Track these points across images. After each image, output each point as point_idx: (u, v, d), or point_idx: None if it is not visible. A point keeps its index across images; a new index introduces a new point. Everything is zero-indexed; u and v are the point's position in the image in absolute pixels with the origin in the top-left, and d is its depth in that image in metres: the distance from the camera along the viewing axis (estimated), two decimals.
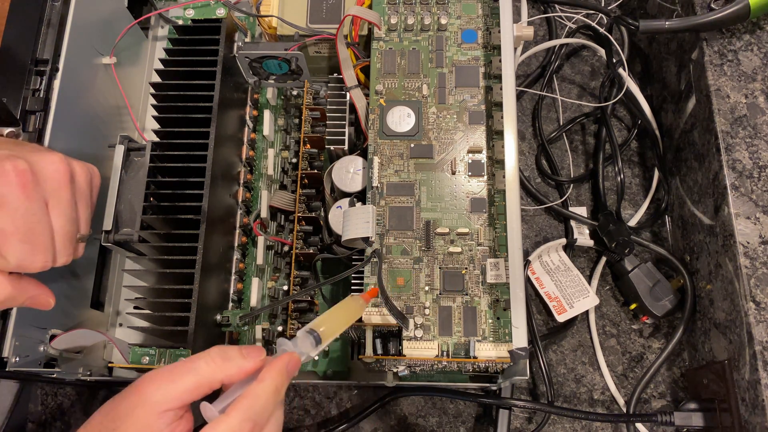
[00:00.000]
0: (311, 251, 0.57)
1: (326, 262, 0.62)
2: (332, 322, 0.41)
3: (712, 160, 0.55)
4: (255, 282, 0.57)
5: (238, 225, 0.58)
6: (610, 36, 0.66)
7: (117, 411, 0.35)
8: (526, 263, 0.63)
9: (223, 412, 0.35)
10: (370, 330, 0.48)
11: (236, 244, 0.58)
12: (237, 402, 0.35)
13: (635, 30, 0.58)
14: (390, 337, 0.49)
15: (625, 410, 0.60)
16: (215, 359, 0.36)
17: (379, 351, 0.49)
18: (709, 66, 0.56)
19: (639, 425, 0.59)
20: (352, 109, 0.57)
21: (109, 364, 0.57)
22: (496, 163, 0.52)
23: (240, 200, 0.59)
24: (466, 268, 0.50)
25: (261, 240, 0.57)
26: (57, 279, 0.53)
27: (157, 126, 0.54)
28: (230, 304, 0.56)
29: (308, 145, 0.60)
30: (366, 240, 0.50)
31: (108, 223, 0.55)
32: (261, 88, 0.62)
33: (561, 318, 0.62)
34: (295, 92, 0.64)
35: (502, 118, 0.51)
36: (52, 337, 0.50)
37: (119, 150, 0.52)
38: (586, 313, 0.64)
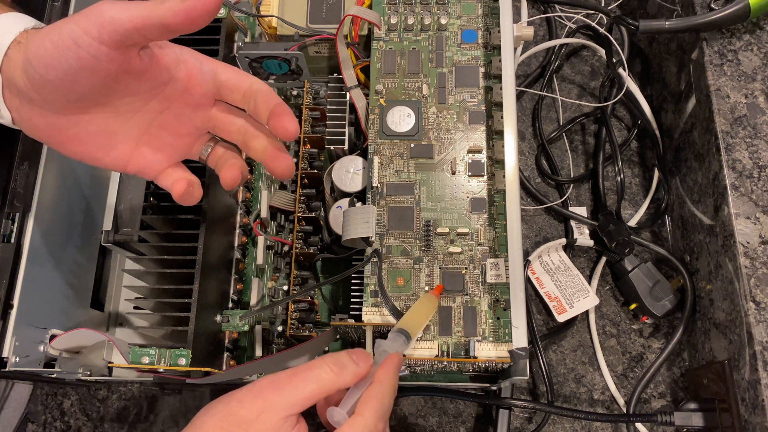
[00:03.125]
0: (311, 251, 0.57)
1: (326, 262, 0.62)
2: (415, 320, 0.44)
3: (712, 160, 0.55)
4: (255, 282, 0.57)
5: (238, 225, 0.58)
6: (610, 36, 0.66)
7: (239, 415, 0.36)
8: (526, 263, 0.63)
9: (351, 413, 0.38)
10: (370, 330, 0.48)
11: (236, 244, 0.58)
12: (365, 403, 0.38)
13: (635, 30, 0.58)
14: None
15: (625, 410, 0.60)
16: (333, 368, 0.38)
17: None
18: (709, 66, 0.56)
19: (639, 425, 0.59)
20: (352, 109, 0.57)
21: (109, 364, 0.57)
22: (496, 163, 0.52)
23: (240, 200, 0.59)
24: (466, 268, 0.50)
25: (261, 240, 0.57)
26: (57, 279, 0.53)
27: None
28: (230, 304, 0.56)
29: (308, 145, 0.60)
30: (366, 240, 0.50)
31: (108, 223, 0.55)
32: None
33: (561, 318, 0.62)
34: (295, 92, 0.64)
35: (502, 118, 0.51)
36: (52, 337, 0.50)
37: None
38: (586, 313, 0.64)
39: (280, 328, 0.57)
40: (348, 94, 0.57)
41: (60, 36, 0.34)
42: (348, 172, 0.55)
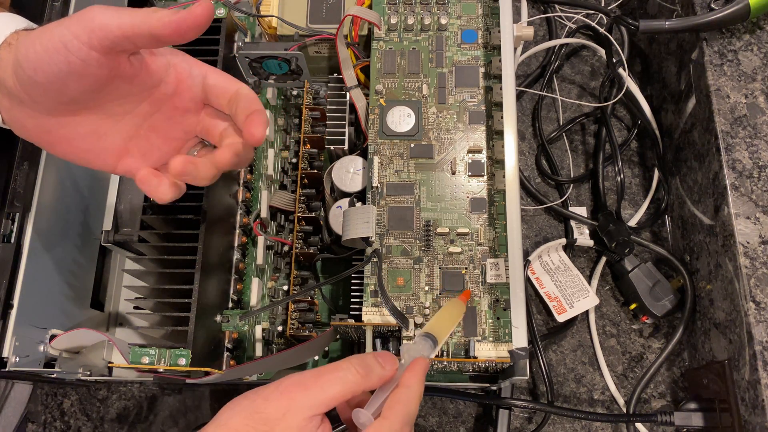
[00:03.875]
0: (311, 251, 0.57)
1: (326, 262, 0.62)
2: (442, 325, 0.44)
3: (712, 160, 0.55)
4: (255, 282, 0.57)
5: (238, 225, 0.58)
6: (610, 36, 0.66)
7: (265, 414, 0.36)
8: (526, 263, 0.63)
9: (377, 416, 0.38)
10: (370, 330, 0.48)
11: (236, 244, 0.58)
12: (392, 406, 0.38)
13: (635, 30, 0.58)
14: (390, 337, 0.49)
15: (625, 410, 0.60)
16: (360, 370, 0.38)
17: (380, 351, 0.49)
18: (709, 66, 0.56)
19: (639, 425, 0.59)
20: (352, 109, 0.57)
21: (109, 364, 0.57)
22: (496, 163, 0.52)
23: (240, 200, 0.59)
24: (466, 268, 0.50)
25: (261, 240, 0.57)
26: (57, 279, 0.53)
27: None
28: (230, 304, 0.56)
29: (308, 145, 0.60)
30: (366, 240, 0.50)
31: (108, 223, 0.55)
32: (261, 88, 0.62)
33: (561, 318, 0.62)
34: (295, 92, 0.64)
35: (502, 118, 0.51)
36: (52, 337, 0.50)
37: None
38: (586, 313, 0.64)
39: (280, 328, 0.57)
40: (348, 94, 0.57)
41: (50, 39, 0.34)
42: (348, 172, 0.55)
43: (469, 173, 0.52)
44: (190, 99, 0.41)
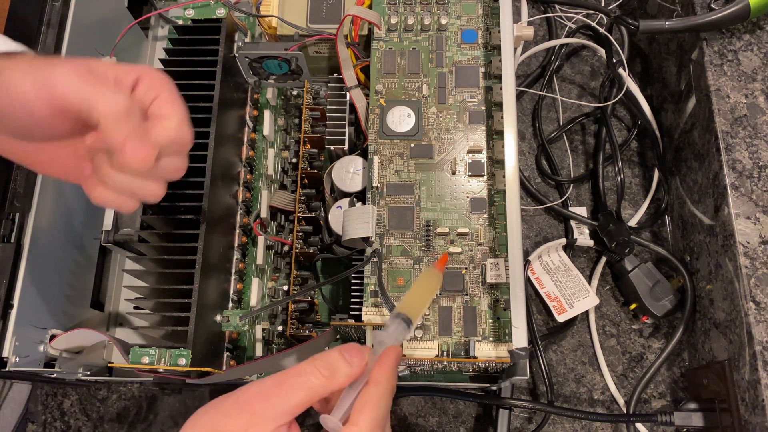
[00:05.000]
0: (311, 251, 0.57)
1: (326, 262, 0.62)
2: (416, 300, 0.41)
3: (712, 160, 0.55)
4: (255, 282, 0.57)
5: (238, 225, 0.58)
6: (610, 36, 0.66)
7: (227, 429, 0.34)
8: (526, 263, 0.63)
9: (345, 420, 0.35)
10: (370, 330, 0.48)
11: (236, 244, 0.58)
12: (360, 409, 0.35)
13: (635, 30, 0.58)
14: None
15: (625, 410, 0.60)
16: (323, 372, 0.35)
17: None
18: (709, 66, 0.56)
19: (639, 425, 0.59)
20: (352, 109, 0.57)
21: (109, 364, 0.57)
22: (496, 163, 0.52)
23: (240, 200, 0.59)
24: (466, 268, 0.50)
25: (261, 240, 0.57)
26: (57, 279, 0.53)
27: None
28: (230, 304, 0.56)
29: (308, 145, 0.60)
30: (366, 240, 0.50)
31: (108, 223, 0.55)
32: (261, 88, 0.62)
33: (561, 318, 0.62)
34: (295, 92, 0.64)
35: (502, 118, 0.51)
36: (52, 337, 0.50)
37: None
38: (586, 313, 0.64)
39: (280, 328, 0.57)
40: (348, 94, 0.57)
41: (15, 92, 0.33)
42: (348, 172, 0.55)
43: (469, 173, 0.52)
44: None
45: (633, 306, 0.62)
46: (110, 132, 0.34)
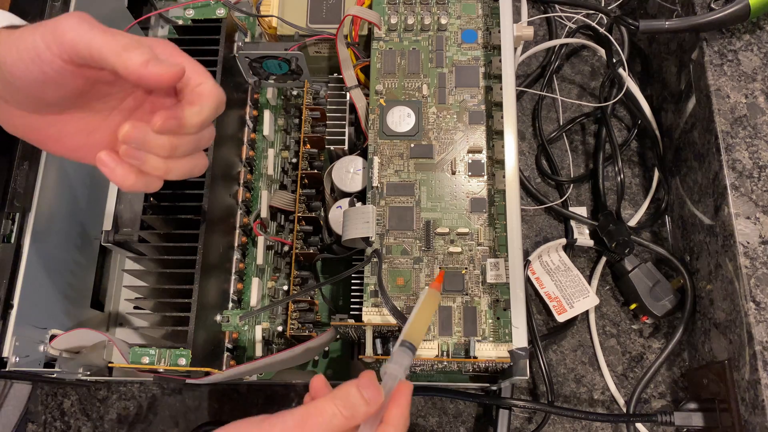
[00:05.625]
0: (311, 251, 0.57)
1: (326, 262, 0.62)
2: (417, 325, 0.42)
3: (712, 160, 0.55)
4: (255, 282, 0.57)
5: (238, 225, 0.58)
6: (610, 36, 0.66)
7: None
8: (526, 263, 0.63)
9: None
10: (370, 330, 0.48)
11: (236, 244, 0.58)
12: None
13: (635, 30, 0.58)
14: (390, 337, 0.49)
15: (625, 410, 0.60)
16: (344, 413, 0.35)
17: (379, 351, 0.49)
18: (709, 66, 0.56)
19: (639, 425, 0.59)
20: (352, 109, 0.57)
21: (109, 364, 0.57)
22: (496, 163, 0.52)
23: (240, 200, 0.59)
24: (466, 268, 0.50)
25: (261, 240, 0.57)
26: (57, 279, 0.53)
27: None
28: (230, 304, 0.56)
29: (308, 145, 0.60)
30: (366, 240, 0.50)
31: (108, 223, 0.55)
32: (261, 88, 0.62)
33: (561, 318, 0.62)
34: (295, 92, 0.64)
35: (502, 118, 0.51)
36: (52, 337, 0.50)
37: None
38: (586, 313, 0.64)
39: (280, 328, 0.57)
40: (348, 94, 0.57)
41: (25, 48, 0.33)
42: (348, 172, 0.55)
43: (469, 173, 0.52)
44: (166, 94, 0.40)
45: (633, 306, 0.62)
46: (126, 63, 0.33)
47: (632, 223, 0.66)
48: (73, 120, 0.38)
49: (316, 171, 0.59)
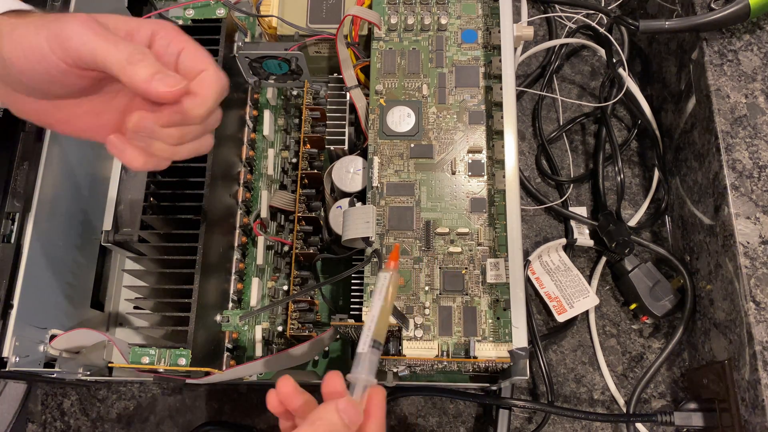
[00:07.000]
0: (311, 251, 0.57)
1: (326, 262, 0.62)
2: (383, 320, 0.39)
3: (712, 160, 0.55)
4: (255, 282, 0.57)
5: (238, 225, 0.58)
6: (610, 36, 0.66)
7: None
8: (526, 263, 0.63)
9: None
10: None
11: (236, 244, 0.58)
12: None
13: (635, 30, 0.58)
14: (390, 337, 0.49)
15: (625, 410, 0.60)
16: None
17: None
18: (709, 66, 0.56)
19: (639, 425, 0.59)
20: (352, 109, 0.57)
21: (109, 364, 0.57)
22: (496, 163, 0.52)
23: (240, 200, 0.59)
24: (466, 268, 0.50)
25: (261, 240, 0.57)
26: (57, 279, 0.53)
27: None
28: (230, 304, 0.56)
29: (308, 145, 0.60)
30: (366, 240, 0.50)
31: (108, 223, 0.55)
32: (261, 88, 0.62)
33: (561, 318, 0.62)
34: (295, 92, 0.64)
35: (502, 118, 0.51)
36: (52, 337, 0.50)
37: None
38: (586, 313, 0.64)
39: (280, 328, 0.57)
40: (348, 94, 0.57)
41: (30, 48, 0.34)
42: (348, 172, 0.55)
43: (469, 173, 0.52)
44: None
45: (633, 306, 0.62)
46: (132, 77, 0.33)
47: (632, 223, 0.66)
48: (81, 104, 0.39)
49: (316, 171, 0.59)
